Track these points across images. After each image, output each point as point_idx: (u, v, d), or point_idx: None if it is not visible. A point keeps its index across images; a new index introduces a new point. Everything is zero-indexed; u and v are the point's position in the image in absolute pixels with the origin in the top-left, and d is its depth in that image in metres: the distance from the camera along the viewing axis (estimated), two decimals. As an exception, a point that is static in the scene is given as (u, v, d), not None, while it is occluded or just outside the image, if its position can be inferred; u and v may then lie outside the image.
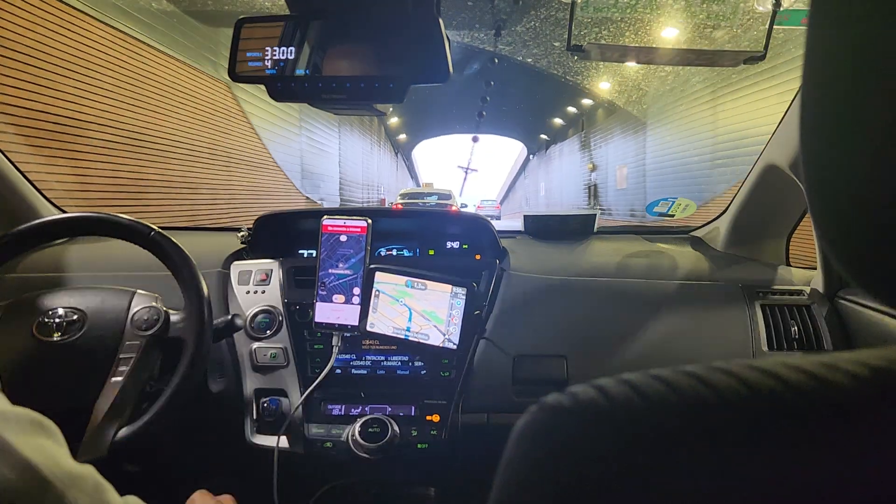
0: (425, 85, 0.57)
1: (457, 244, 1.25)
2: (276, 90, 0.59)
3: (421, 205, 12.31)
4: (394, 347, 1.08)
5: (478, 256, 1.23)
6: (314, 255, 1.16)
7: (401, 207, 1.59)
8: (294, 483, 0.97)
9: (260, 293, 1.09)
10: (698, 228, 1.38)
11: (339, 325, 0.99)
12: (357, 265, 0.98)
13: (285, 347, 1.05)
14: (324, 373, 0.99)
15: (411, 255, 1.25)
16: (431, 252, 1.25)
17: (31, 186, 1.20)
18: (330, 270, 0.99)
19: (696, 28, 7.02)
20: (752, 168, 1.16)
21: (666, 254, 1.23)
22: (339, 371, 1.07)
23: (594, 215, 1.34)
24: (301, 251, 1.24)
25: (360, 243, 0.98)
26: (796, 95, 1.05)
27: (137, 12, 4.81)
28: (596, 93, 13.05)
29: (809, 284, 1.11)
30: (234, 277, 1.11)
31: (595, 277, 1.13)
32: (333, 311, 0.99)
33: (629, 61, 1.12)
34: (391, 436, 0.97)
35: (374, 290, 0.99)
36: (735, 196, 1.25)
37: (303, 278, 1.11)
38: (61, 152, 3.78)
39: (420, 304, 0.99)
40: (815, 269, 1.12)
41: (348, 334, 1.01)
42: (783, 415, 0.19)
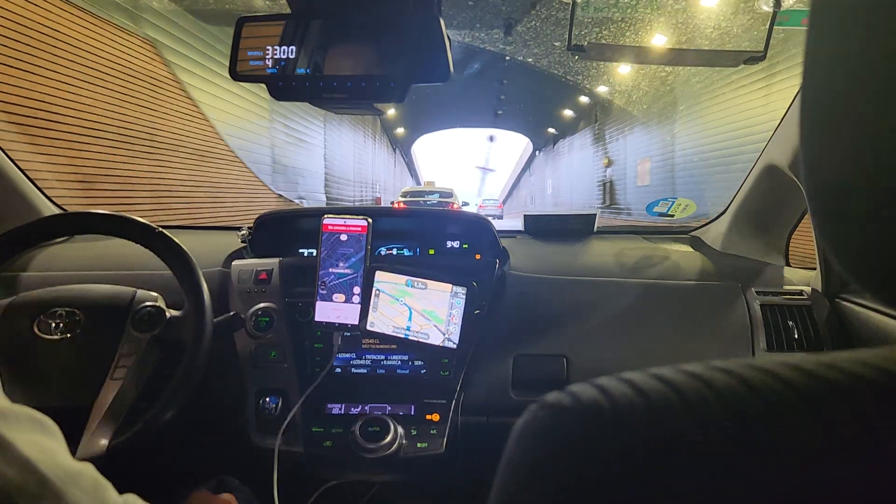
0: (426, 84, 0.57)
1: (457, 244, 1.25)
2: (277, 89, 0.59)
3: (423, 203, 12.39)
4: (394, 347, 1.08)
5: (478, 256, 1.23)
6: (314, 254, 1.16)
7: (403, 206, 1.59)
8: (294, 482, 0.97)
9: (260, 292, 1.09)
10: (698, 228, 1.38)
11: (339, 324, 0.99)
12: (357, 264, 0.98)
13: (285, 346, 1.05)
14: (324, 372, 0.99)
15: (411, 254, 1.25)
16: (432, 251, 1.25)
17: (31, 184, 1.20)
18: (330, 269, 0.99)
19: (696, 28, 7.02)
20: (752, 168, 1.16)
21: (666, 254, 1.23)
22: (339, 370, 1.08)
23: (594, 215, 1.34)
24: (301, 250, 1.24)
25: (361, 242, 0.98)
26: (796, 96, 1.05)
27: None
28: (615, 79, 11.74)
29: (809, 285, 1.11)
30: (235, 276, 1.11)
31: (595, 277, 1.13)
32: (333, 311, 0.99)
33: (630, 61, 1.13)
34: (391, 435, 0.97)
35: (374, 289, 0.99)
36: (735, 196, 1.25)
37: (303, 277, 1.11)
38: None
39: (420, 304, 0.99)
40: (815, 269, 1.12)
41: (348, 333, 1.01)
42: (783, 414, 0.19)
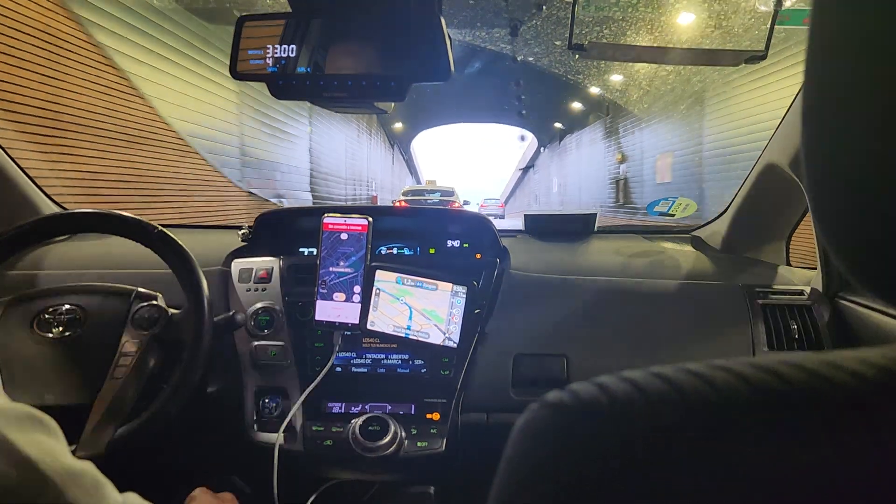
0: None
1: (457, 243, 1.25)
2: (278, 88, 0.59)
3: (424, 202, 12.41)
4: (394, 346, 1.08)
5: (478, 255, 1.23)
6: (315, 253, 1.16)
7: (405, 204, 1.59)
8: (294, 481, 0.97)
9: (261, 291, 1.09)
10: (699, 228, 1.38)
11: (339, 323, 0.99)
12: (357, 263, 0.98)
13: (285, 345, 1.05)
14: (324, 371, 0.99)
15: (412, 253, 1.25)
16: (432, 251, 1.25)
17: (31, 183, 1.20)
18: (330, 268, 0.99)
19: (696, 27, 7.01)
20: (753, 168, 1.16)
21: (666, 253, 1.23)
22: (339, 369, 1.08)
23: (594, 214, 1.34)
24: (302, 249, 1.24)
25: (361, 241, 0.98)
26: (797, 95, 1.05)
27: None
28: (633, 67, 10.17)
29: (809, 284, 1.11)
30: (235, 275, 1.11)
31: (595, 277, 1.13)
32: (334, 310, 0.99)
33: (630, 60, 1.12)
34: (391, 434, 0.97)
35: (374, 288, 0.99)
36: (735, 196, 1.25)
37: (303, 276, 1.11)
38: None
39: (420, 303, 0.99)
40: (815, 268, 1.12)
41: (348, 332, 1.01)
42: (785, 413, 0.19)
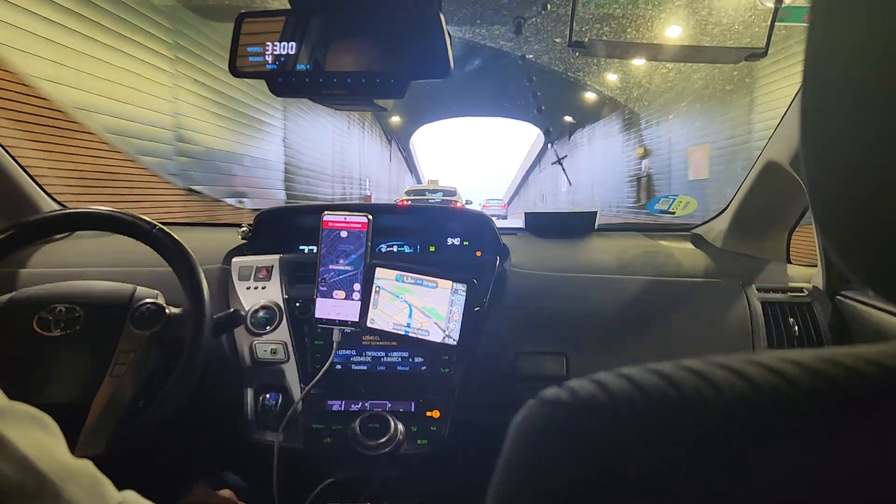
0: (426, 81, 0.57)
1: (458, 241, 1.25)
2: (277, 85, 0.59)
3: (427, 201, 12.38)
4: (394, 344, 1.08)
5: (479, 253, 1.23)
6: (315, 250, 1.16)
7: (407, 204, 1.60)
8: (294, 478, 0.97)
9: (260, 289, 1.09)
10: (699, 226, 1.38)
11: (339, 320, 0.99)
12: (357, 261, 0.98)
13: (285, 343, 1.05)
14: (324, 368, 0.99)
15: (412, 251, 1.25)
16: (432, 249, 1.25)
17: (31, 181, 1.20)
18: (330, 266, 0.99)
19: (697, 24, 6.99)
20: (753, 165, 1.16)
21: (667, 251, 1.23)
22: (339, 367, 1.08)
23: (595, 212, 1.33)
24: (302, 247, 1.24)
25: (361, 239, 0.98)
26: (798, 92, 1.05)
27: None
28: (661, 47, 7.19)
29: (810, 282, 1.11)
30: (235, 273, 1.11)
31: (596, 275, 1.13)
32: (334, 307, 0.99)
33: (630, 58, 1.12)
34: (391, 432, 0.97)
35: (374, 286, 0.99)
36: (736, 193, 1.25)
37: (303, 274, 1.11)
38: None
39: (420, 301, 0.99)
40: (816, 266, 1.12)
41: (348, 330, 1.01)
42: (782, 410, 0.19)
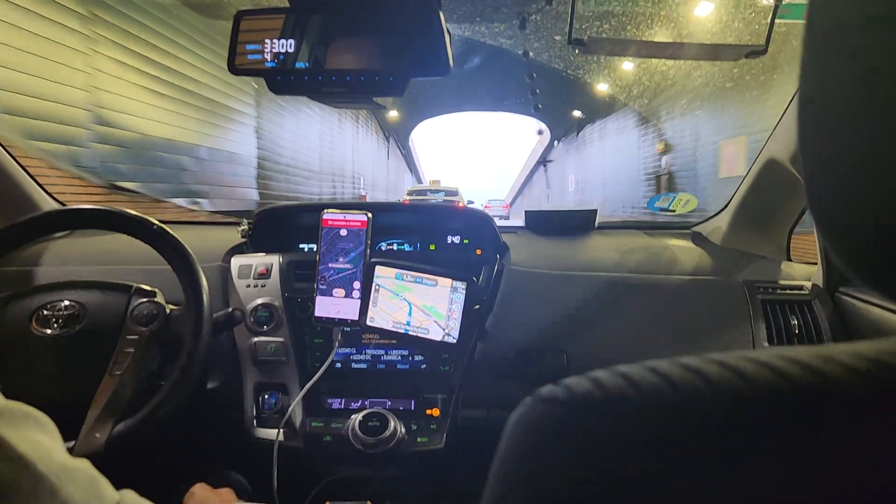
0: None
1: (457, 239, 1.25)
2: (276, 83, 0.59)
3: (429, 201, 12.38)
4: (394, 342, 1.08)
5: (478, 251, 1.23)
6: (314, 249, 1.16)
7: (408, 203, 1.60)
8: (294, 477, 0.97)
9: (260, 287, 1.09)
10: (699, 224, 1.38)
11: (338, 319, 0.99)
12: (357, 259, 0.98)
13: (285, 341, 1.05)
14: (324, 367, 0.99)
15: (412, 249, 1.25)
16: (432, 247, 1.25)
17: (31, 179, 1.20)
18: (330, 265, 0.99)
19: (697, 22, 6.97)
20: (754, 163, 1.16)
21: (667, 249, 1.23)
22: (338, 365, 1.08)
23: (595, 210, 1.33)
24: (301, 245, 1.24)
25: (361, 237, 0.98)
26: (798, 91, 1.05)
27: None
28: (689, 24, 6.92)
29: (810, 280, 1.11)
30: (235, 271, 1.11)
31: (596, 273, 1.13)
32: (333, 306, 0.99)
33: (630, 55, 1.12)
34: (391, 430, 0.97)
35: (374, 284, 0.99)
36: (736, 191, 1.25)
37: (303, 272, 1.10)
38: None
39: (420, 299, 0.99)
40: (816, 264, 1.12)
41: (348, 328, 1.01)
42: (779, 407, 0.19)
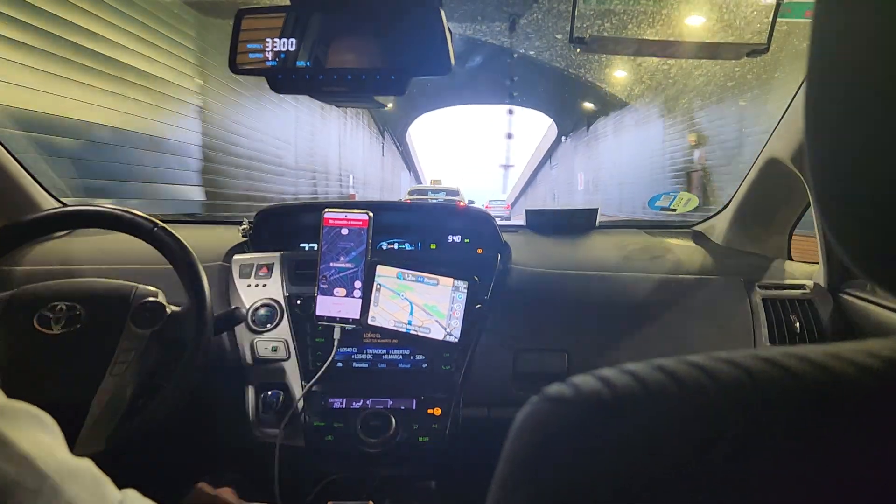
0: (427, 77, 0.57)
1: (458, 238, 1.25)
2: (277, 82, 0.59)
3: (430, 201, 12.39)
4: (395, 341, 1.08)
5: (479, 250, 1.23)
6: (315, 248, 1.16)
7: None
8: (295, 476, 0.97)
9: (261, 286, 1.09)
10: (700, 222, 1.38)
11: (340, 318, 0.99)
12: (358, 259, 0.98)
13: (286, 341, 1.05)
14: (325, 366, 0.99)
15: (413, 248, 1.25)
16: (433, 246, 1.25)
17: (31, 178, 1.20)
18: (331, 264, 0.99)
19: (698, 21, 6.96)
20: (754, 162, 1.16)
21: (668, 248, 1.22)
22: (340, 364, 1.08)
23: (596, 209, 1.33)
24: (302, 245, 1.24)
25: (362, 237, 0.98)
26: (799, 89, 1.05)
27: None
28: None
29: (811, 279, 1.11)
30: (236, 271, 1.11)
31: (597, 272, 1.13)
32: (334, 305, 0.99)
33: (632, 54, 1.12)
34: (392, 429, 0.97)
35: (375, 283, 0.99)
36: (737, 190, 1.24)
37: (304, 272, 1.10)
38: None
39: (421, 298, 0.99)
40: (817, 263, 1.12)
41: (349, 328, 1.01)
42: (788, 405, 0.19)
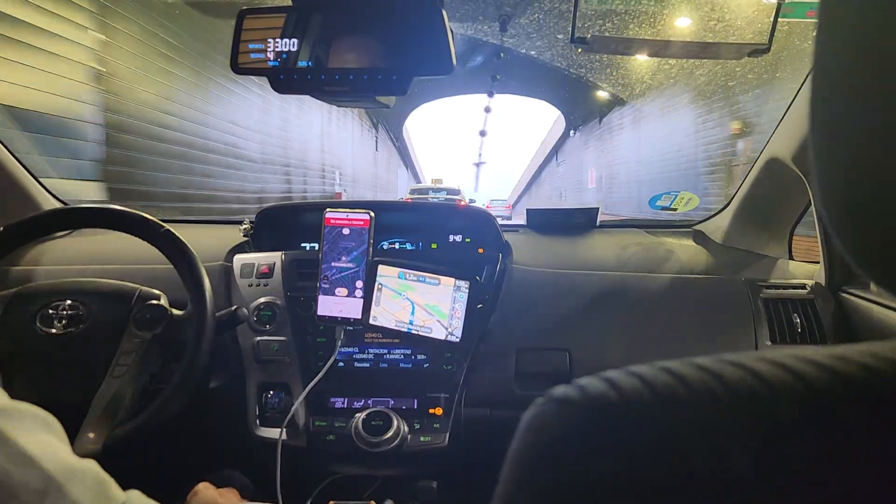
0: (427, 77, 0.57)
1: (459, 238, 1.25)
2: (279, 82, 0.59)
3: (430, 200, 12.38)
4: (396, 341, 1.08)
5: (481, 250, 1.23)
6: (317, 248, 1.16)
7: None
8: (296, 476, 0.97)
9: (263, 286, 1.09)
10: (701, 222, 1.38)
11: (341, 318, 0.99)
12: (359, 258, 0.98)
13: (288, 340, 1.05)
14: (326, 366, 0.99)
15: (414, 248, 1.25)
16: (434, 246, 1.25)
17: (32, 178, 1.20)
18: (332, 263, 0.99)
19: (699, 20, 6.96)
20: (755, 162, 1.15)
21: (669, 247, 1.22)
22: (341, 364, 1.08)
23: (597, 209, 1.33)
24: (304, 244, 1.24)
25: (363, 236, 0.98)
26: (800, 89, 1.05)
27: None
28: None
29: (812, 278, 1.11)
30: (237, 270, 1.11)
31: (598, 271, 1.13)
32: (336, 305, 0.99)
33: (633, 53, 1.12)
34: (394, 429, 0.97)
35: (376, 283, 0.99)
36: (738, 190, 1.24)
37: (305, 271, 1.10)
38: None
39: (423, 298, 0.99)
40: (818, 262, 1.12)
41: (351, 327, 1.01)
42: (796, 408, 0.19)
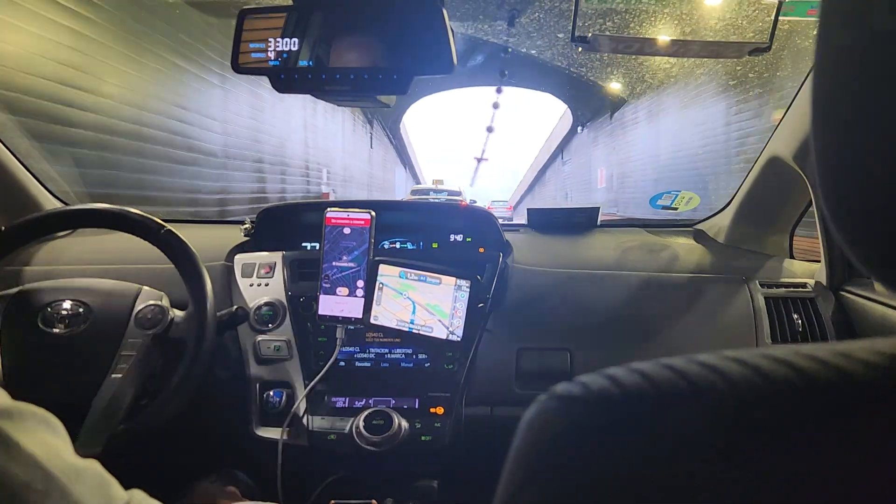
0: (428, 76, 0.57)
1: (460, 237, 1.25)
2: (280, 82, 0.59)
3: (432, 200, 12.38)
4: (397, 340, 1.08)
5: (481, 249, 1.23)
6: (318, 247, 1.16)
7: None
8: (298, 475, 0.97)
9: (263, 286, 1.09)
10: (702, 221, 1.38)
11: (342, 317, 0.99)
12: (360, 258, 0.98)
13: (289, 340, 1.05)
14: (327, 365, 0.99)
15: (415, 247, 1.25)
16: (435, 245, 1.25)
17: (33, 178, 1.20)
18: (333, 263, 0.99)
19: (700, 19, 6.96)
20: (756, 161, 1.15)
21: (669, 247, 1.22)
22: (342, 364, 1.08)
23: (597, 208, 1.33)
24: (305, 244, 1.24)
25: (364, 236, 0.98)
26: (800, 88, 1.05)
27: None
28: None
29: (813, 277, 1.11)
30: (238, 270, 1.11)
31: (598, 270, 1.13)
32: (337, 304, 0.99)
33: (633, 53, 1.12)
34: (395, 428, 0.97)
35: (377, 282, 0.99)
36: (739, 189, 1.24)
37: (306, 271, 1.11)
38: None
39: (424, 298, 0.99)
40: (819, 261, 1.12)
41: (352, 327, 1.01)
42: (799, 405, 0.19)
